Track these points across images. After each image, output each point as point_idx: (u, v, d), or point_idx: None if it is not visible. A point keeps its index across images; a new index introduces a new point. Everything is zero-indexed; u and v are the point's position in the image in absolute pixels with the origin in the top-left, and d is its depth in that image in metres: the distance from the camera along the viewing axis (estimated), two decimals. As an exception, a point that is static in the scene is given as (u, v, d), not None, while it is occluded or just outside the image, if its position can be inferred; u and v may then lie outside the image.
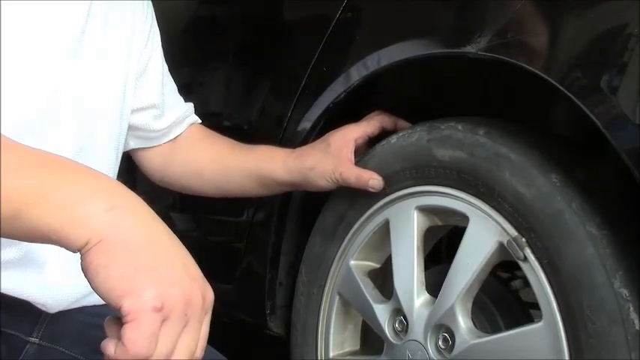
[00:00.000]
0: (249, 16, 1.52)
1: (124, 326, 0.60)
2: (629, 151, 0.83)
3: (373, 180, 1.16)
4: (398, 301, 1.13)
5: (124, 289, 0.60)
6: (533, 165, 0.98)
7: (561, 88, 0.89)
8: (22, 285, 0.92)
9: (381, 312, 1.16)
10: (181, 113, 1.24)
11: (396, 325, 1.14)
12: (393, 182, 1.15)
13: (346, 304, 1.26)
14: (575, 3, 0.92)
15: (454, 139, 1.07)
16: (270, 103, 1.45)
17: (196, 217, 1.58)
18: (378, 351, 1.19)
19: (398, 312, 1.14)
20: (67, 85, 0.96)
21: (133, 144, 1.20)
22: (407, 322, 1.12)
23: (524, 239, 0.98)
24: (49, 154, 0.66)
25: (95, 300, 1.04)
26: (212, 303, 0.66)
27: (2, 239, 0.87)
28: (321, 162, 1.17)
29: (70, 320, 0.98)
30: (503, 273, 1.39)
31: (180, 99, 1.27)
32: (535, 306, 1.00)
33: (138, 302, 0.60)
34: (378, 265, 1.24)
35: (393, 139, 1.17)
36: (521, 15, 0.97)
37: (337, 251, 1.25)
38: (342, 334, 1.28)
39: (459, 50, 1.03)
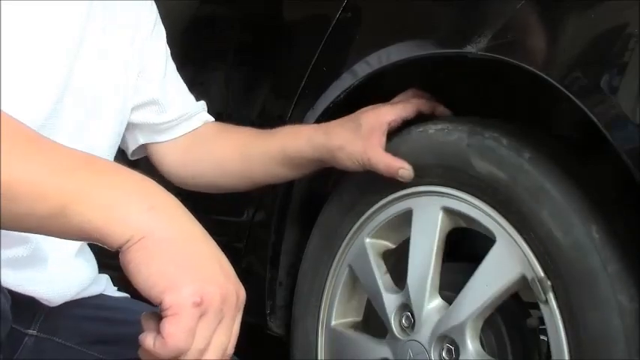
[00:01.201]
0: (249, 16, 1.52)
1: (163, 320, 0.63)
2: (629, 151, 0.83)
3: (403, 170, 1.10)
4: (408, 297, 1.12)
5: (165, 285, 0.63)
6: (576, 211, 0.94)
7: (561, 88, 0.89)
8: (28, 282, 0.93)
9: (390, 302, 1.15)
10: (189, 110, 1.22)
11: (403, 321, 1.13)
12: (424, 175, 1.11)
13: (355, 278, 1.24)
14: (575, 3, 0.92)
15: (497, 154, 1.02)
16: (270, 103, 1.45)
17: (196, 217, 1.58)
18: (379, 333, 1.18)
19: (406, 307, 1.13)
20: (67, 85, 0.96)
21: (142, 139, 1.19)
22: (414, 321, 1.11)
23: (549, 283, 0.95)
24: (88, 155, 0.69)
25: (91, 291, 1.05)
26: (244, 302, 0.69)
27: (12, 237, 0.89)
28: (351, 143, 1.11)
29: (68, 312, 1.00)
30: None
31: (190, 97, 1.25)
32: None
33: (179, 297, 0.62)
34: (393, 246, 1.22)
35: (431, 129, 1.12)
36: (521, 15, 0.97)
37: (354, 225, 1.23)
38: (347, 304, 1.27)
39: (459, 50, 1.03)
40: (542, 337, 1.10)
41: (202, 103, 1.26)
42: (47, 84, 0.93)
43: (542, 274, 0.96)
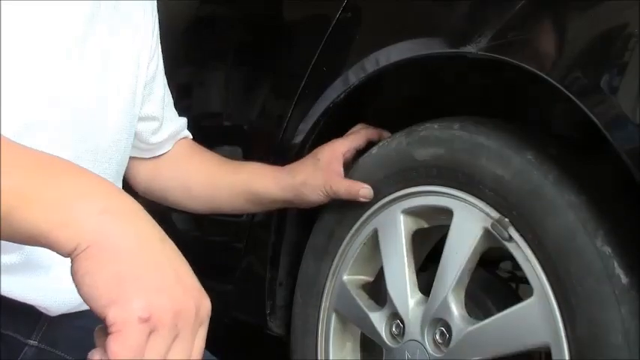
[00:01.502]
0: (249, 16, 1.52)
1: (108, 337, 0.57)
2: (629, 151, 0.83)
3: (363, 189, 1.18)
4: (393, 305, 1.14)
5: (109, 298, 0.58)
6: (508, 147, 1.01)
7: (561, 88, 0.89)
8: (25, 289, 0.91)
9: (377, 319, 1.17)
10: (176, 128, 1.24)
11: (393, 329, 1.14)
12: (379, 191, 1.18)
13: (343, 321, 1.26)
14: (575, 3, 0.92)
15: (432, 137, 1.10)
16: (270, 103, 1.45)
17: (196, 217, 1.58)
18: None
19: (394, 316, 1.14)
20: (66, 86, 0.95)
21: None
22: (403, 325, 1.12)
23: (507, 219, 0.99)
24: (42, 154, 0.64)
25: None
26: (208, 314, 0.63)
27: (3, 243, 0.87)
28: (312, 176, 1.19)
29: (69, 324, 0.98)
30: (505, 273, 1.39)
31: (176, 113, 1.27)
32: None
33: (123, 312, 0.57)
34: (370, 279, 1.25)
35: (374, 149, 1.21)
36: (521, 15, 0.97)
37: (330, 269, 1.26)
38: (342, 351, 1.28)
39: (459, 50, 1.03)
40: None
41: (184, 120, 1.28)
42: (45, 84, 0.92)
43: (497, 214, 1.00)
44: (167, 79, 1.22)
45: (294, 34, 1.43)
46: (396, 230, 1.15)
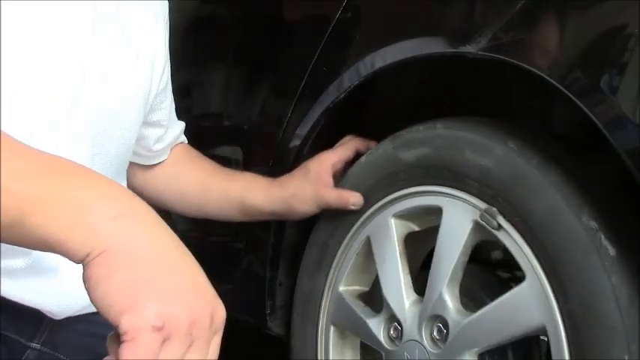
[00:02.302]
0: (249, 16, 1.52)
1: (121, 345, 0.56)
2: (629, 151, 0.83)
3: (353, 197, 1.19)
4: (390, 308, 1.14)
5: (123, 305, 0.56)
6: (490, 137, 1.03)
7: (561, 88, 0.89)
8: (31, 293, 0.91)
9: (375, 324, 1.17)
10: (175, 134, 1.25)
11: (391, 332, 1.15)
12: (368, 198, 1.20)
13: (341, 333, 1.26)
14: (575, 3, 0.92)
15: (416, 139, 1.13)
16: (270, 103, 1.45)
17: (196, 217, 1.58)
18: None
19: (391, 319, 1.15)
20: (85, 86, 0.95)
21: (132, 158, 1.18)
22: (401, 327, 1.13)
23: (494, 208, 1.01)
24: (53, 157, 0.63)
25: None
26: (222, 322, 0.62)
27: (9, 247, 0.86)
28: (302, 188, 1.21)
29: (72, 328, 0.97)
30: (503, 273, 1.39)
31: (176, 118, 1.28)
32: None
33: (137, 320, 0.55)
34: (366, 289, 1.25)
35: (362, 158, 1.23)
36: (521, 15, 0.97)
37: (325, 282, 1.27)
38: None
39: (459, 50, 1.03)
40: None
41: (182, 125, 1.29)
42: (69, 82, 0.92)
43: (485, 204, 1.01)
44: (167, 79, 1.22)
45: (294, 34, 1.43)
46: (388, 235, 1.16)
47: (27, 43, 0.88)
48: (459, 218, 1.06)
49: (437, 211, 1.09)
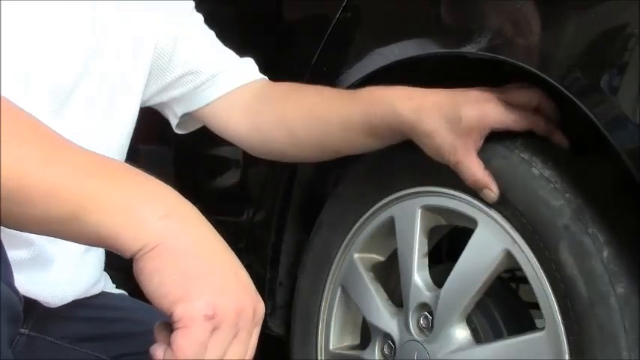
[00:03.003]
0: (249, 16, 1.52)
1: (174, 332, 0.60)
2: (629, 151, 0.83)
3: (489, 191, 0.98)
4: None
5: (176, 295, 0.61)
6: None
7: (561, 88, 0.89)
8: (30, 284, 0.92)
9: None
10: (225, 66, 1.14)
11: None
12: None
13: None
14: (575, 3, 0.92)
15: None
16: (270, 103, 1.45)
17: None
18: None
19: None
20: (84, 85, 0.96)
21: (180, 110, 1.13)
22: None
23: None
24: (104, 158, 0.67)
25: (93, 291, 1.05)
26: (262, 316, 0.67)
27: (12, 238, 0.87)
28: (443, 135, 0.96)
29: (63, 313, 0.99)
30: (504, 273, 1.38)
31: (229, 53, 1.18)
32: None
33: (190, 309, 0.60)
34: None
35: None
36: (521, 15, 0.97)
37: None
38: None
39: (459, 50, 1.03)
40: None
41: (249, 60, 1.16)
42: (70, 57, 0.93)
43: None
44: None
45: (294, 34, 1.43)
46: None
47: (28, 40, 0.89)
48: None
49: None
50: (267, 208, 1.39)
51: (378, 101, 1.02)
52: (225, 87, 1.13)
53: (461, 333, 1.06)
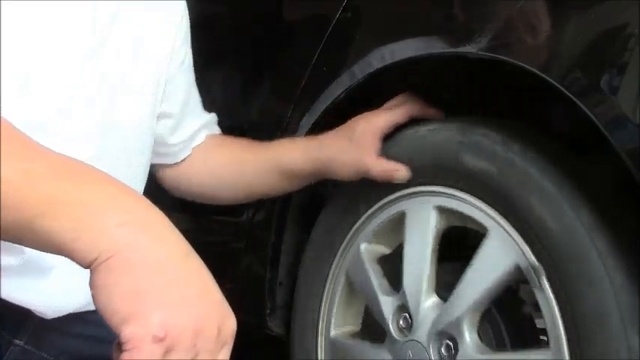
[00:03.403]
0: (249, 16, 1.52)
1: (121, 354, 0.55)
2: (629, 151, 0.83)
3: (398, 172, 1.09)
4: (405, 298, 1.12)
5: (126, 313, 0.55)
6: (567, 199, 0.95)
7: (561, 88, 0.89)
8: (21, 292, 0.90)
9: (387, 305, 1.15)
10: (199, 126, 1.22)
11: (401, 322, 1.13)
12: (416, 176, 1.12)
13: (352, 285, 1.25)
14: (575, 3, 0.92)
15: (485, 149, 1.04)
16: (270, 103, 1.45)
17: (196, 217, 1.58)
18: (377, 336, 1.19)
19: (403, 308, 1.13)
20: (84, 85, 0.95)
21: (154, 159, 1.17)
22: (412, 321, 1.11)
23: (543, 269, 0.96)
24: (65, 159, 0.63)
25: (92, 305, 1.03)
26: (232, 334, 0.61)
27: (3, 245, 0.85)
28: (345, 151, 1.10)
29: (59, 327, 0.97)
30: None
31: (202, 111, 1.25)
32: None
33: (139, 330, 0.55)
34: (389, 251, 1.22)
35: (421, 130, 1.14)
36: (521, 15, 0.97)
37: (349, 232, 1.23)
38: (345, 313, 1.27)
39: (459, 50, 1.03)
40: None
41: (212, 116, 1.25)
42: (62, 83, 0.92)
43: (536, 261, 0.96)
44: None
45: (293, 34, 1.43)
46: (426, 224, 1.10)
47: (28, 40, 0.89)
48: (502, 252, 1.00)
49: (481, 226, 1.04)
50: (267, 208, 1.39)
51: (287, 148, 1.17)
52: (187, 153, 1.22)
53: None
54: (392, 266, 1.20)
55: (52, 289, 0.93)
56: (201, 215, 1.60)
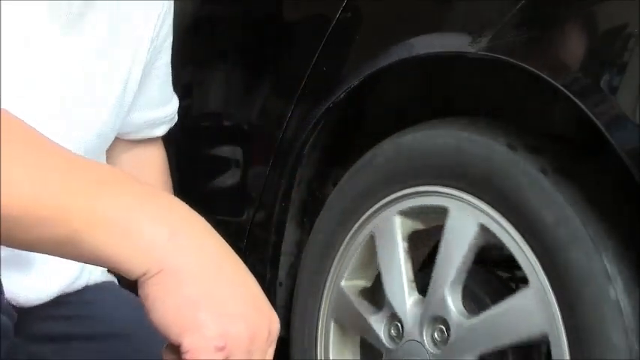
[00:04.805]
0: (249, 16, 1.52)
1: None
2: (629, 151, 0.83)
3: None
4: (391, 306, 1.14)
5: (183, 325, 0.56)
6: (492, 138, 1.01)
7: (561, 88, 0.90)
8: (9, 285, 0.87)
9: (376, 322, 1.17)
10: (156, 116, 1.15)
11: (392, 331, 1.14)
12: (374, 194, 1.17)
13: (343, 330, 1.26)
14: (575, 3, 0.92)
15: (419, 140, 1.11)
16: (270, 103, 1.45)
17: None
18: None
19: (392, 317, 1.14)
20: (57, 61, 0.92)
21: None
22: (402, 325, 1.13)
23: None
24: (105, 168, 0.62)
25: (75, 287, 1.00)
26: (277, 334, 0.62)
27: None
28: None
29: (32, 312, 0.95)
30: (503, 273, 1.39)
31: (171, 100, 1.18)
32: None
33: (199, 341, 0.56)
34: (368, 284, 1.25)
35: (368, 155, 1.20)
36: (521, 15, 0.97)
37: (327, 277, 1.26)
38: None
39: (459, 50, 1.03)
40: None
41: (172, 108, 1.18)
42: (35, 58, 0.90)
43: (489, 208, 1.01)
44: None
45: (294, 34, 1.43)
46: (393, 231, 1.15)
47: (28, 40, 0.88)
48: (464, 220, 1.05)
49: (441, 211, 1.08)
50: (267, 208, 1.39)
51: None
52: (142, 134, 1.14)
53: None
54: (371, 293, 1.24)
55: (30, 283, 0.92)
56: (201, 215, 1.60)
